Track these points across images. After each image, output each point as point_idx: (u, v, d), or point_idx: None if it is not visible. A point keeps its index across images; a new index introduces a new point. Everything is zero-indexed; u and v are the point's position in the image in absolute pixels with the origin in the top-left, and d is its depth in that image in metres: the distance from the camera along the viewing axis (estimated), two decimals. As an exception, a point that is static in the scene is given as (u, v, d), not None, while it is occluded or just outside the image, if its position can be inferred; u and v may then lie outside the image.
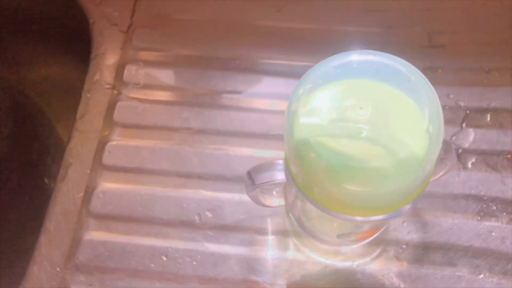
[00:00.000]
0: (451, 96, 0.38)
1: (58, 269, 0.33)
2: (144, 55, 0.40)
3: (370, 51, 0.24)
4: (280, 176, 0.27)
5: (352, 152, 0.22)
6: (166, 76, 0.39)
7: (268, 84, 0.39)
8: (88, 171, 0.35)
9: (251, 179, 0.27)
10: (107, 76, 0.39)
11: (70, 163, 0.36)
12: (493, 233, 0.33)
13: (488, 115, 0.38)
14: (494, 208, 0.34)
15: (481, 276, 0.32)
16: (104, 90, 0.38)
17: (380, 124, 0.23)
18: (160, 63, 0.40)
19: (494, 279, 0.32)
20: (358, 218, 0.25)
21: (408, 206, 0.25)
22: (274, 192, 0.31)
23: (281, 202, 0.32)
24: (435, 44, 0.41)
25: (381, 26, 0.42)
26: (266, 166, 0.27)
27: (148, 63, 0.40)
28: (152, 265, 0.33)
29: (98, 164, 0.36)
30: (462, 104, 0.38)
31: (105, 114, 0.38)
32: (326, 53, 0.40)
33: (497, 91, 0.38)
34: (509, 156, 0.36)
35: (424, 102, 0.23)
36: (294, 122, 0.23)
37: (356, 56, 0.24)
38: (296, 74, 0.40)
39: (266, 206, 0.32)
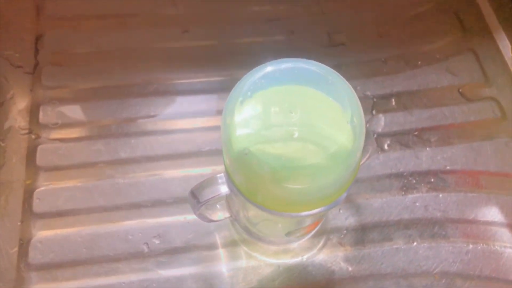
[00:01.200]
0: (358, 88, 0.42)
1: (4, 333, 0.31)
2: (56, 93, 0.39)
3: (287, 59, 0.26)
4: (223, 189, 0.28)
5: (289, 153, 0.24)
6: (84, 111, 0.39)
7: (190, 103, 0.40)
8: (19, 223, 0.34)
9: (196, 198, 0.28)
10: (21, 121, 0.37)
11: (-4, 219, 0.34)
12: (417, 203, 0.37)
13: (393, 100, 0.42)
14: (414, 181, 0.38)
15: (415, 243, 0.35)
16: (20, 137, 0.37)
17: (310, 124, 0.25)
18: (75, 99, 0.39)
19: (425, 244, 0.35)
20: (302, 213, 0.26)
21: (344, 194, 0.27)
22: (218, 206, 0.32)
23: (226, 214, 0.33)
24: (335, 43, 0.44)
25: (284, 33, 0.45)
26: (208, 182, 0.28)
27: (63, 101, 0.38)
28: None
29: (29, 214, 0.34)
30: (369, 93, 0.42)
31: (27, 161, 0.36)
32: (239, 65, 0.42)
33: (396, 77, 0.43)
34: (416, 133, 0.40)
35: (344, 98, 0.25)
36: (231, 135, 0.24)
37: (276, 66, 0.26)
38: (215, 89, 0.41)
39: (213, 221, 0.32)
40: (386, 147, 0.39)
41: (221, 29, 0.44)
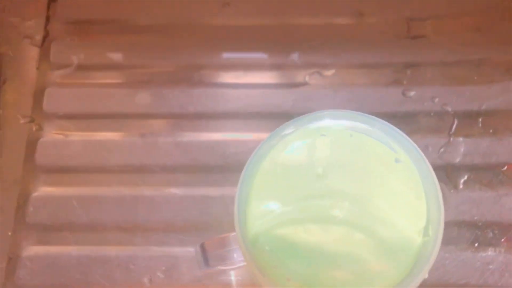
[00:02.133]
0: (437, 99, 0.33)
1: None
2: (68, 75, 0.33)
3: (344, 112, 0.18)
4: (238, 256, 0.21)
5: (326, 255, 0.17)
6: (99, 99, 0.32)
7: (223, 100, 0.33)
8: (10, 233, 0.29)
9: (205, 256, 0.22)
10: (23, 106, 0.32)
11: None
12: (491, 266, 0.29)
13: (480, 120, 0.32)
14: (491, 235, 0.30)
15: (479, 318, 0.28)
16: (20, 126, 0.31)
17: (363, 199, 0.17)
18: (89, 84, 0.33)
19: (493, 321, 0.28)
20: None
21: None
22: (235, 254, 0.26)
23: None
24: (415, 34, 0.34)
25: (351, 15, 0.35)
26: (225, 240, 0.22)
27: (74, 85, 0.32)
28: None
29: (21, 224, 0.29)
30: (449, 108, 0.32)
31: (25, 157, 0.31)
32: (287, 53, 0.34)
33: (489, 89, 0.33)
34: (505, 169, 0.31)
35: (418, 186, 0.17)
36: (245, 209, 0.18)
37: (323, 122, 0.18)
38: (258, 86, 0.33)
39: (225, 270, 0.26)
40: (461, 184, 0.31)
41: (270, 4, 0.35)
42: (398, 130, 0.17)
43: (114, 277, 0.29)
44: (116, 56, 0.33)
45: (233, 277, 0.29)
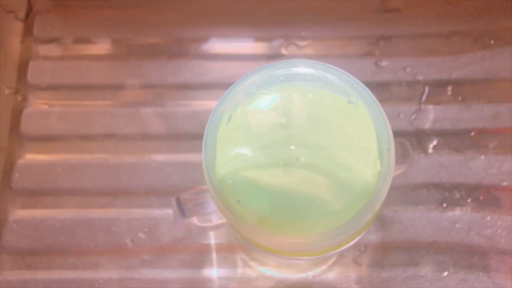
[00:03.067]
0: (408, 69, 0.34)
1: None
2: (51, 48, 0.34)
3: (298, 60, 0.19)
4: (212, 205, 0.22)
5: (289, 188, 0.18)
6: (82, 73, 0.33)
7: (202, 71, 0.34)
8: (-4, 199, 0.30)
9: (181, 208, 0.23)
10: (7, 78, 0.33)
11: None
12: (457, 225, 0.31)
13: (450, 88, 0.34)
14: (458, 195, 0.31)
15: (445, 273, 0.30)
16: (5, 97, 0.32)
17: (322, 145, 0.19)
18: (73, 57, 0.34)
19: (459, 275, 0.29)
20: (304, 258, 0.21)
21: (357, 239, 0.21)
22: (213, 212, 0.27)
23: (222, 218, 0.28)
24: (388, 8, 0.36)
25: (327, -11, 0.36)
26: (200, 192, 0.23)
27: (56, 59, 0.33)
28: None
29: (8, 189, 0.31)
30: (420, 78, 0.34)
31: (10, 126, 0.32)
32: (265, 26, 0.35)
33: (459, 59, 0.34)
34: (472, 134, 0.32)
35: (369, 114, 0.18)
36: (213, 155, 0.19)
37: (280, 70, 0.19)
38: (234, 57, 0.34)
39: (203, 227, 0.28)
40: (430, 149, 0.32)
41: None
42: (351, 76, 0.19)
43: (98, 239, 0.30)
44: (98, 30, 0.34)
45: (212, 239, 0.30)
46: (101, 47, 0.34)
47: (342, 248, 0.21)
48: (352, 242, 0.21)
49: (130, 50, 0.34)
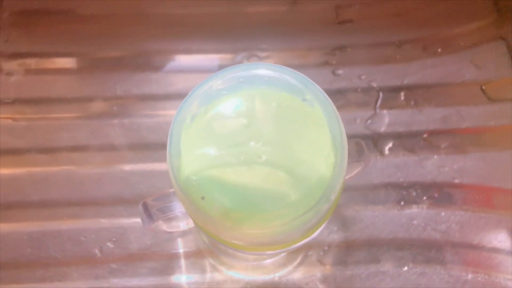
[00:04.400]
0: (363, 77, 0.36)
1: None
2: (16, 63, 0.34)
3: (260, 64, 0.21)
4: (178, 207, 0.23)
5: (251, 184, 0.19)
6: (48, 86, 0.34)
7: (166, 83, 0.35)
8: (-41, 214, 0.30)
9: (148, 212, 0.24)
10: (-30, 93, 0.33)
11: None
12: (415, 221, 0.32)
13: (402, 94, 0.36)
14: (414, 194, 0.33)
15: (405, 268, 0.31)
16: (-31, 112, 0.32)
17: (280, 143, 0.20)
18: (38, 71, 0.34)
19: (418, 269, 0.31)
20: (267, 252, 0.22)
21: (317, 232, 0.22)
22: (179, 214, 0.28)
23: (190, 224, 0.29)
24: (343, 19, 0.38)
25: (284, 3, 0.38)
26: (165, 196, 0.24)
27: (22, 72, 0.34)
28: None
29: (-29, 204, 0.30)
30: (374, 84, 0.36)
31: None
32: (227, 39, 0.36)
33: (410, 66, 0.37)
34: (425, 136, 0.34)
35: (323, 111, 0.20)
36: (178, 156, 0.20)
37: (235, 73, 0.21)
38: (196, 69, 0.36)
39: (173, 232, 0.28)
40: (386, 151, 0.34)
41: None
42: (306, 77, 0.20)
43: (66, 250, 0.30)
44: (63, 44, 0.35)
45: (180, 246, 0.31)
46: (66, 61, 0.35)
47: (304, 241, 0.22)
48: (313, 235, 0.22)
49: (95, 64, 0.35)
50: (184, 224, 0.28)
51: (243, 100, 0.21)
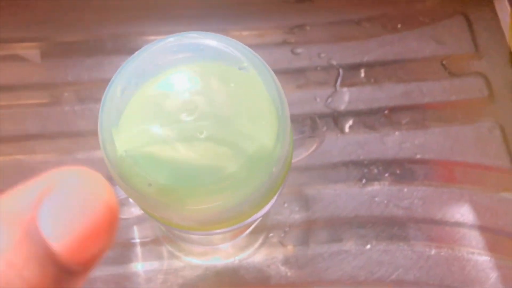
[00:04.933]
0: (323, 55, 0.35)
1: None
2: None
3: (186, 33, 0.20)
4: (119, 191, 0.22)
5: (190, 160, 0.18)
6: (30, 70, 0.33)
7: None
8: None
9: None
10: None
11: None
12: (377, 198, 0.32)
13: (362, 71, 0.35)
14: (376, 171, 0.32)
15: (368, 246, 0.30)
16: None
17: (220, 116, 0.19)
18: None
19: (381, 247, 0.31)
20: (213, 231, 0.21)
21: (267, 207, 0.22)
22: (130, 200, 0.27)
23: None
24: (301, -2, 0.37)
25: (241, -18, 0.37)
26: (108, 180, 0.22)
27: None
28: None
29: None
30: (334, 62, 0.35)
31: None
32: (182, 19, 0.35)
33: (369, 43, 0.36)
34: (386, 112, 0.34)
35: (262, 79, 0.19)
36: (110, 135, 0.19)
37: (169, 43, 0.19)
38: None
39: (127, 219, 0.27)
40: (347, 129, 0.33)
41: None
42: (241, 43, 0.19)
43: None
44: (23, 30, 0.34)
45: (136, 233, 0.30)
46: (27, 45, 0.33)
47: (251, 218, 0.21)
48: (260, 212, 0.21)
49: (60, 48, 0.34)
50: (138, 209, 0.27)
51: (179, 73, 0.19)
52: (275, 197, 0.22)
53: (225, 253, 0.30)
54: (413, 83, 0.35)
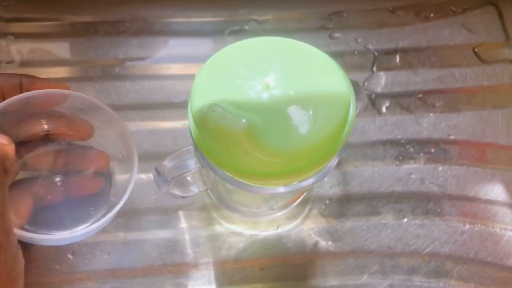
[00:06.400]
0: (359, 40, 0.37)
1: None
2: (13, 26, 0.34)
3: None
4: (192, 164, 0.24)
5: (268, 107, 0.20)
6: (48, 49, 0.34)
7: (167, 46, 0.35)
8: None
9: (162, 175, 0.24)
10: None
11: None
12: (413, 175, 0.33)
13: (398, 56, 0.37)
14: (412, 150, 0.34)
15: (405, 220, 0.32)
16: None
17: (295, 76, 0.21)
18: (32, 35, 0.34)
19: (417, 221, 0.32)
20: (280, 189, 0.22)
21: (332, 164, 0.23)
22: (189, 179, 0.28)
23: (200, 187, 0.29)
24: (338, -14, 0.39)
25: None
26: (175, 157, 0.24)
27: (19, 36, 0.34)
28: (57, 266, 0.29)
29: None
30: (371, 47, 0.37)
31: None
32: (226, 4, 0.37)
33: (404, 30, 0.37)
34: (420, 95, 0.35)
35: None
36: (197, 89, 0.20)
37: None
38: (196, 32, 0.36)
39: (185, 197, 0.28)
40: (384, 109, 0.35)
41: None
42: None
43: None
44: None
45: (185, 202, 0.31)
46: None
47: (311, 179, 0.22)
48: (328, 165, 0.23)
49: (96, 28, 0.35)
50: (197, 188, 0.28)
51: (261, 47, 0.22)
52: (333, 163, 0.23)
53: (268, 222, 0.31)
54: (446, 68, 0.36)
